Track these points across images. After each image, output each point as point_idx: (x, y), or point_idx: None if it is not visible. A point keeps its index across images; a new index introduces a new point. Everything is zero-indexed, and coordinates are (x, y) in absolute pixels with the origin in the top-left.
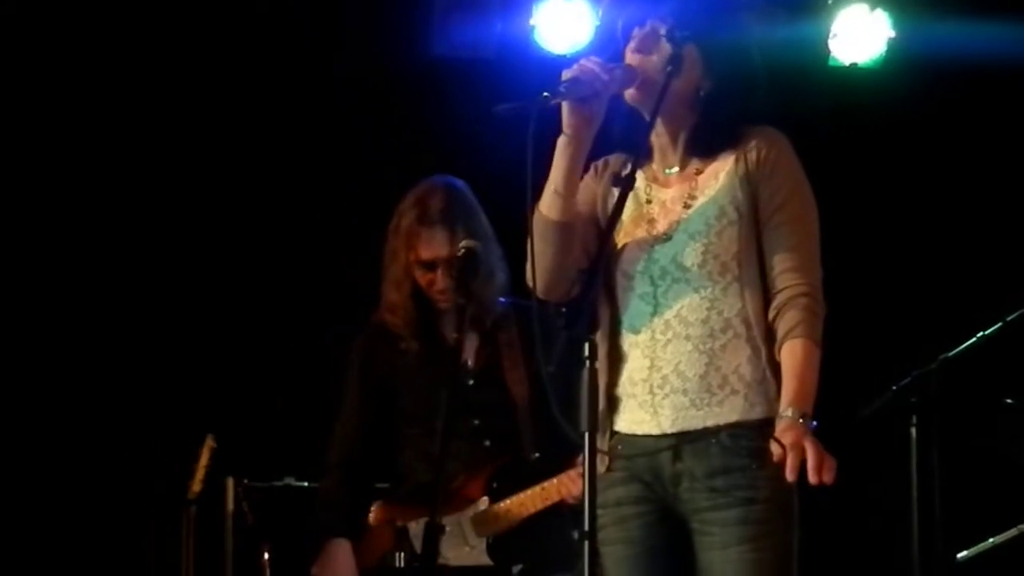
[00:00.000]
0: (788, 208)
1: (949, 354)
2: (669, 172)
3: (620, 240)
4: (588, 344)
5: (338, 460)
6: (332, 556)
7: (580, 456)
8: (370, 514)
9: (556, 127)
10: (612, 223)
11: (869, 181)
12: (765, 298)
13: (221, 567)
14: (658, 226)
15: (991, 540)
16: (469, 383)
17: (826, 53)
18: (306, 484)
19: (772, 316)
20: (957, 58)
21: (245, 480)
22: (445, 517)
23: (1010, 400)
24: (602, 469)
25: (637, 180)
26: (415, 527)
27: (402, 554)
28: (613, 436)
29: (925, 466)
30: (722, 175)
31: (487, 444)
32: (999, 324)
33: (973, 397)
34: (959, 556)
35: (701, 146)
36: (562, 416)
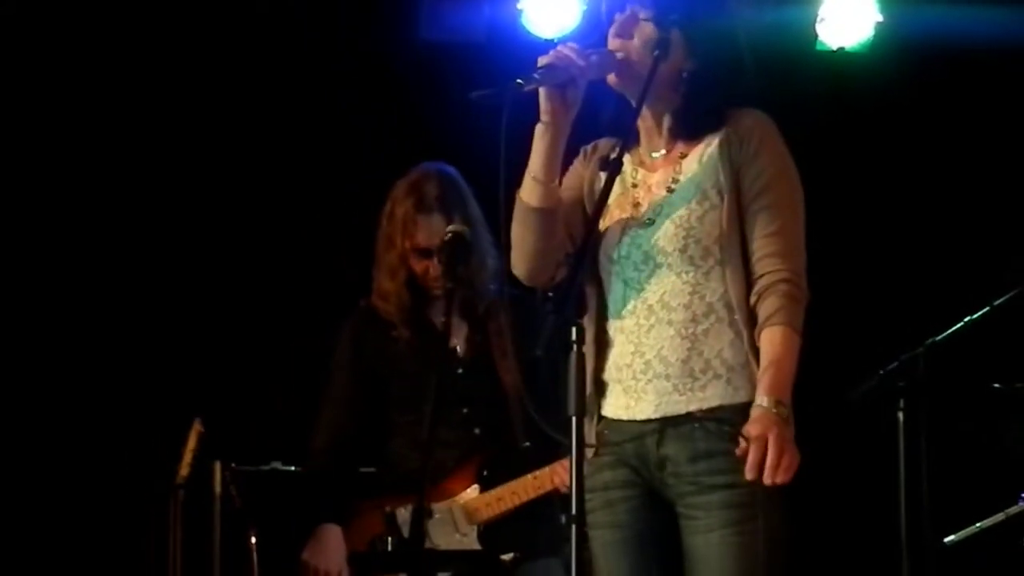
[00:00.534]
0: (772, 191)
1: (936, 338)
2: (655, 156)
3: (606, 224)
4: (575, 328)
5: (326, 444)
6: (322, 541)
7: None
8: (358, 500)
9: (537, 113)
10: (599, 208)
11: (857, 166)
12: (748, 282)
13: (208, 551)
14: (642, 210)
15: (978, 524)
16: (459, 372)
17: (813, 37)
18: (293, 468)
19: (753, 301)
20: (945, 42)
21: (232, 464)
22: (436, 504)
23: (997, 384)
24: (591, 454)
25: (624, 164)
26: (404, 513)
27: (391, 539)
28: (601, 421)
29: (912, 450)
30: (705, 158)
31: (477, 432)
32: (986, 308)
33: (960, 381)
34: (946, 540)
35: (686, 129)
36: (538, 412)
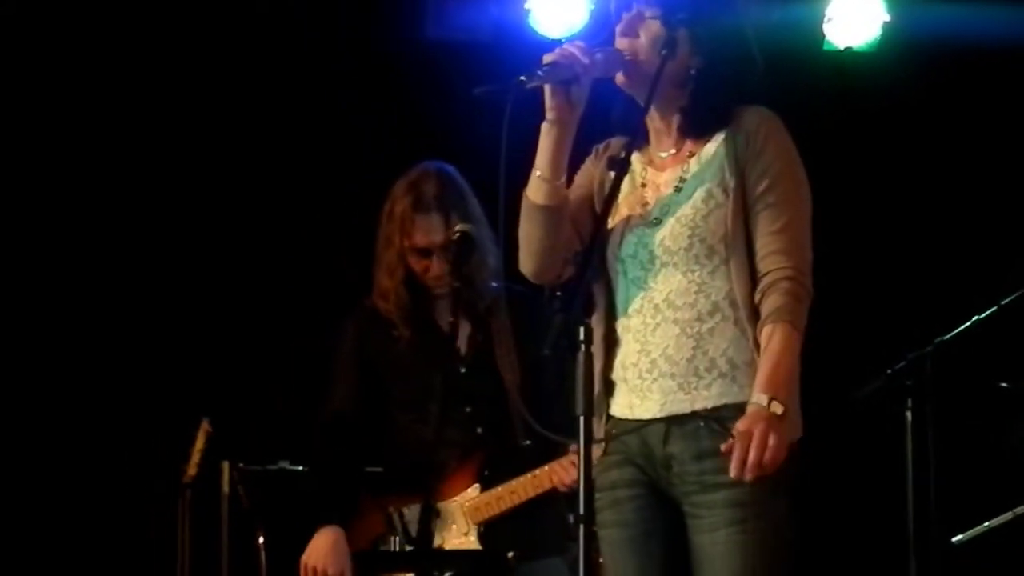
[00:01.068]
0: (777, 189)
1: (944, 337)
2: (664, 155)
3: (615, 223)
4: (583, 328)
5: (328, 444)
6: (324, 542)
7: (571, 443)
8: (363, 499)
9: (543, 111)
10: (607, 208)
11: (864, 165)
12: (753, 280)
13: (216, 550)
14: (650, 209)
15: (986, 524)
16: (462, 370)
17: (821, 37)
18: (300, 468)
19: (757, 299)
20: (952, 42)
21: (240, 464)
22: (438, 503)
23: (1005, 383)
24: (599, 453)
25: (634, 163)
26: (408, 512)
27: (395, 538)
28: (609, 420)
29: (920, 449)
30: (710, 156)
31: (480, 431)
32: (994, 307)
33: (968, 380)
34: (954, 539)
35: (694, 127)
36: (532, 413)
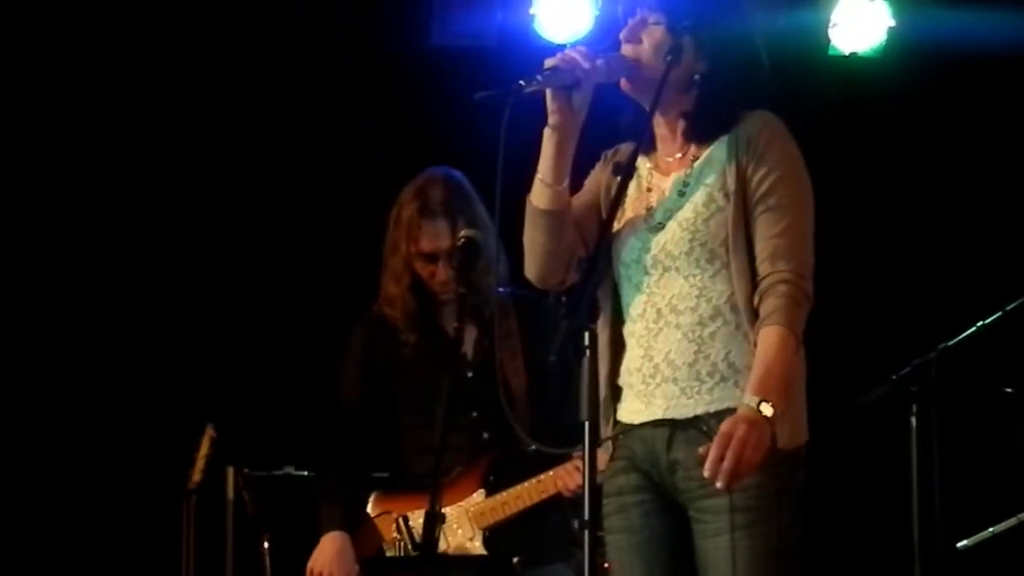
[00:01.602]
0: (778, 192)
1: (949, 343)
2: (670, 160)
3: (620, 228)
4: (589, 334)
5: (335, 450)
6: (330, 548)
7: (576, 448)
8: (369, 504)
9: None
10: (611, 213)
11: (869, 170)
12: (754, 284)
13: (221, 556)
14: (655, 214)
15: (991, 529)
16: (468, 375)
17: (826, 42)
18: (305, 473)
19: (756, 302)
20: (957, 47)
21: (245, 469)
22: (443, 508)
23: (1010, 389)
24: (606, 458)
25: (641, 168)
26: (414, 517)
27: (401, 543)
28: (616, 426)
29: (925, 455)
30: (714, 160)
31: (485, 436)
32: (999, 313)
33: (973, 386)
34: (959, 545)
35: (698, 132)
36: (521, 425)
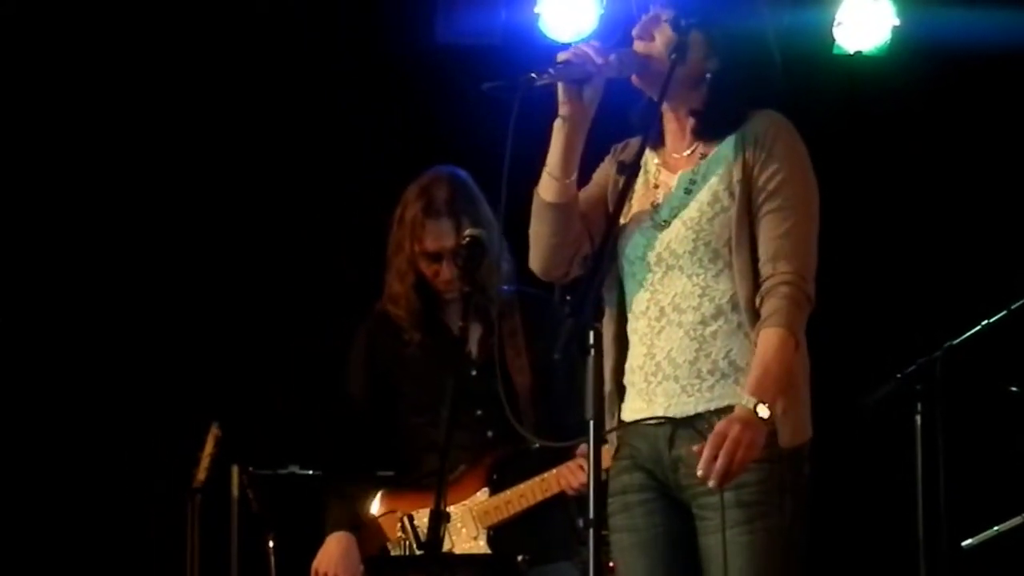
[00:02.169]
0: (783, 193)
1: (954, 342)
2: (677, 156)
3: (625, 223)
4: (593, 332)
5: (340, 449)
6: (334, 548)
7: (579, 447)
8: (374, 503)
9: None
10: (617, 209)
11: (873, 169)
12: (756, 284)
13: (226, 555)
14: (660, 211)
15: (996, 528)
16: (472, 373)
17: (830, 41)
18: (310, 472)
19: (757, 303)
20: (962, 46)
21: (250, 468)
22: (447, 507)
23: (1015, 388)
24: (611, 454)
25: (649, 163)
26: (419, 516)
27: (406, 542)
28: (619, 424)
29: (930, 454)
30: (721, 159)
31: (490, 435)
32: (1004, 312)
33: (978, 385)
34: (964, 544)
35: (706, 130)
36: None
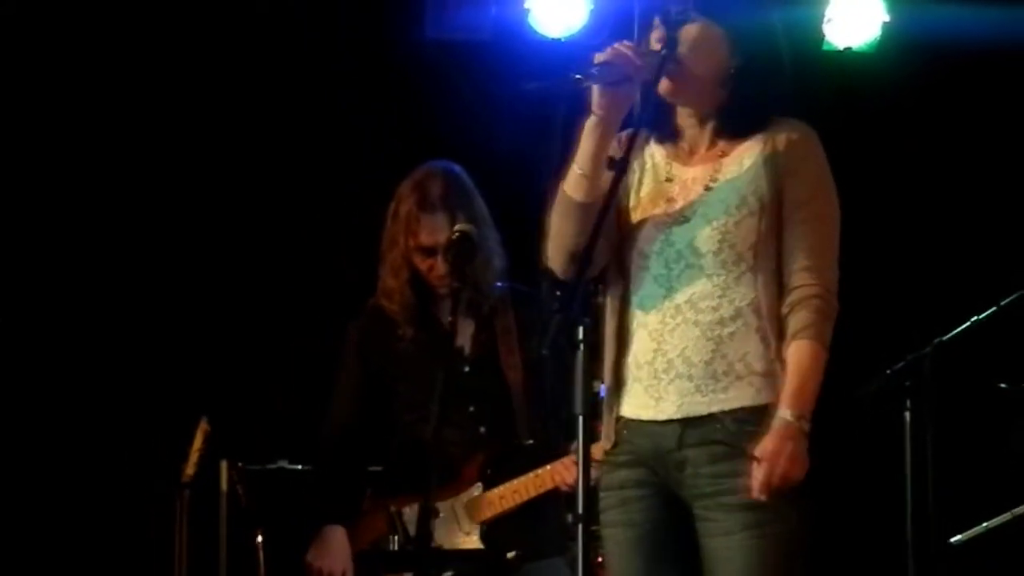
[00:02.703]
0: (811, 206)
1: (943, 338)
2: (693, 152)
3: (637, 217)
4: (582, 327)
5: (332, 444)
6: (326, 542)
7: (574, 443)
8: (365, 499)
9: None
10: (607, 204)
11: (864, 166)
12: (780, 292)
13: (215, 549)
14: (676, 206)
15: (985, 524)
16: (465, 370)
17: (820, 37)
18: (299, 467)
19: (784, 312)
20: (952, 42)
21: (239, 463)
22: (439, 503)
23: (1004, 384)
24: (608, 446)
25: (656, 158)
26: (409, 511)
27: (395, 538)
28: (619, 420)
29: (919, 450)
30: (747, 162)
31: (483, 431)
32: (993, 308)
33: (967, 381)
34: (953, 540)
35: (730, 127)
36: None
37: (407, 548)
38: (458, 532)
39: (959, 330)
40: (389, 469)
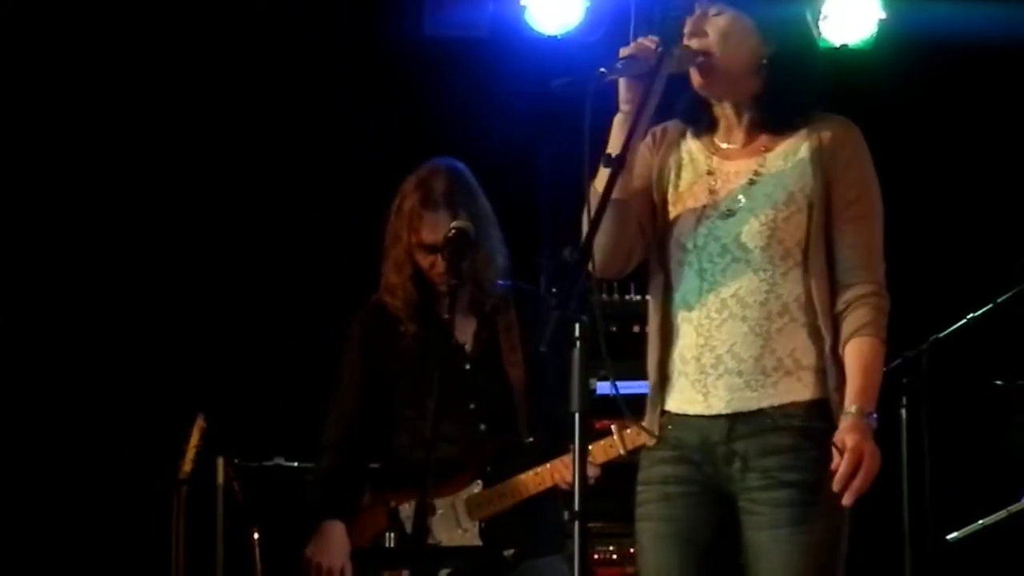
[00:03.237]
0: (862, 203)
1: (939, 335)
2: (731, 145)
3: (676, 211)
4: (579, 324)
5: (334, 440)
6: (326, 537)
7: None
8: (364, 496)
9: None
10: (605, 199)
11: None
12: (831, 288)
13: (211, 546)
14: (719, 199)
15: (981, 522)
16: (466, 367)
17: (817, 34)
18: (296, 464)
19: (840, 309)
20: (948, 39)
21: (235, 460)
22: (439, 499)
23: (1000, 381)
24: (652, 442)
25: (693, 151)
26: (407, 508)
27: (394, 534)
28: (663, 415)
29: (915, 447)
30: (793, 158)
31: (483, 428)
32: (989, 305)
33: (963, 378)
34: (949, 537)
35: (771, 120)
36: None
37: (404, 545)
38: (457, 529)
39: (955, 327)
40: (389, 465)
